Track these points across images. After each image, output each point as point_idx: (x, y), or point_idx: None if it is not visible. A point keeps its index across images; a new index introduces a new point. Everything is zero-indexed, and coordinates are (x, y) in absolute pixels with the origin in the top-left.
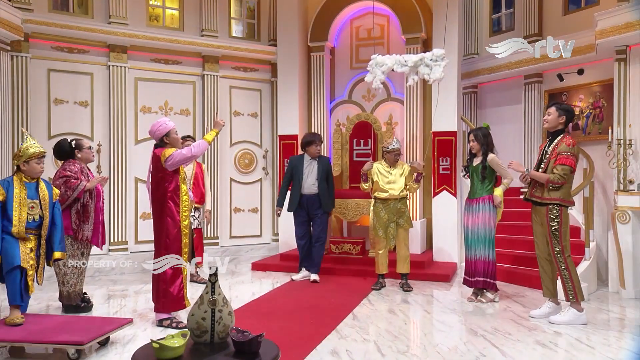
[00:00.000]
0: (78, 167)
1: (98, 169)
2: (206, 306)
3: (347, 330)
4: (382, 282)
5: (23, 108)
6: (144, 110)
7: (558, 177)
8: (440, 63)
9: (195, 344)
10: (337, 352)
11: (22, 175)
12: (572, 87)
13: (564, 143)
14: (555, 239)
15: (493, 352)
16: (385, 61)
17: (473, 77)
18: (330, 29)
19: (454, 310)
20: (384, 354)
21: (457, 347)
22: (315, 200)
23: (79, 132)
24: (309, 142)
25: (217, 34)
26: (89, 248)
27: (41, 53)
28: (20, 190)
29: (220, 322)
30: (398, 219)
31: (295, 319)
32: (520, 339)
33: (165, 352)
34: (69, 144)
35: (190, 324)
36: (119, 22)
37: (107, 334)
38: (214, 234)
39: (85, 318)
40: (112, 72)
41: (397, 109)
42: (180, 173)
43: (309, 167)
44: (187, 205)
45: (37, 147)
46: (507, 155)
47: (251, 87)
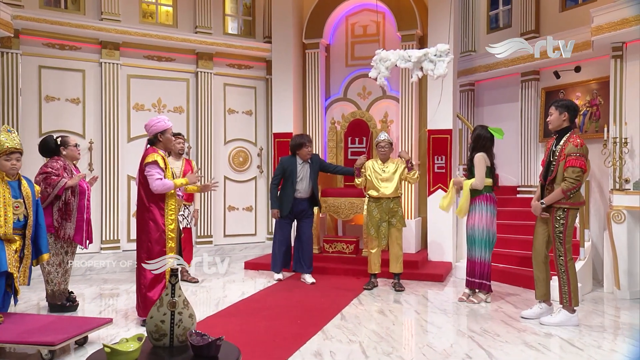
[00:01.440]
0: (61, 164)
1: (90, 167)
2: (165, 308)
3: (333, 331)
4: (374, 282)
5: (14, 105)
6: (136, 107)
7: (572, 183)
8: (444, 59)
9: (154, 348)
10: (320, 354)
11: (3, 174)
12: (569, 84)
13: (571, 143)
14: (559, 241)
15: (479, 354)
16: (389, 56)
17: (470, 75)
18: (326, 25)
19: (444, 311)
20: (367, 355)
21: (444, 348)
22: (306, 202)
23: (71, 129)
24: (299, 145)
25: (211, 31)
26: (73, 246)
27: (32, 50)
28: (3, 189)
29: (180, 325)
30: (390, 218)
31: (283, 318)
32: (509, 341)
33: (117, 356)
34: (54, 140)
35: (149, 326)
36: (112, 18)
37: (83, 334)
38: (208, 233)
39: (66, 318)
40: (104, 69)
41: (392, 107)
42: (167, 176)
43: (302, 170)
44: (174, 207)
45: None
46: (504, 154)
47: (246, 84)
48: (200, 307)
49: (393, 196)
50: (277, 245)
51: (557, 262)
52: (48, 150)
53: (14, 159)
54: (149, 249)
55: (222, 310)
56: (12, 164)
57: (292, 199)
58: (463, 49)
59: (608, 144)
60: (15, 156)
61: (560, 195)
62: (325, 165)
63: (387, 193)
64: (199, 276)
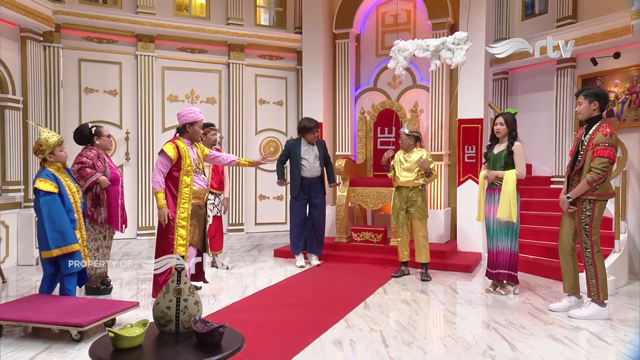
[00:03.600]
0: (95, 152)
1: (126, 156)
2: (171, 295)
3: (355, 320)
4: (404, 270)
5: (56, 97)
6: (170, 98)
7: (597, 173)
8: (462, 47)
9: (160, 334)
10: (340, 342)
11: (57, 165)
12: (607, 71)
13: (600, 133)
14: (585, 233)
15: (502, 346)
16: (407, 46)
17: (504, 63)
18: (356, 15)
19: (469, 301)
20: (387, 345)
21: (465, 339)
22: (317, 183)
23: (108, 119)
24: (307, 129)
25: (243, 23)
26: (111, 231)
27: (72, 43)
28: (65, 179)
29: (185, 312)
30: (409, 207)
31: (306, 306)
32: (534, 333)
33: (121, 341)
34: (89, 129)
35: (155, 312)
36: (147, 12)
37: (111, 316)
38: (239, 221)
39: (96, 301)
40: (140, 61)
41: (422, 96)
42: (184, 166)
43: (308, 151)
44: (187, 197)
45: (55, 135)
46: (539, 144)
47: (277, 75)
48: (228, 293)
49: (412, 186)
50: (293, 227)
51: (584, 255)
52: (83, 138)
53: (64, 148)
54: (160, 235)
55: (248, 297)
56: (64, 153)
57: (299, 178)
58: (497, 36)
59: None
60: (63, 146)
61: (586, 187)
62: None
63: (405, 180)
64: (231, 263)
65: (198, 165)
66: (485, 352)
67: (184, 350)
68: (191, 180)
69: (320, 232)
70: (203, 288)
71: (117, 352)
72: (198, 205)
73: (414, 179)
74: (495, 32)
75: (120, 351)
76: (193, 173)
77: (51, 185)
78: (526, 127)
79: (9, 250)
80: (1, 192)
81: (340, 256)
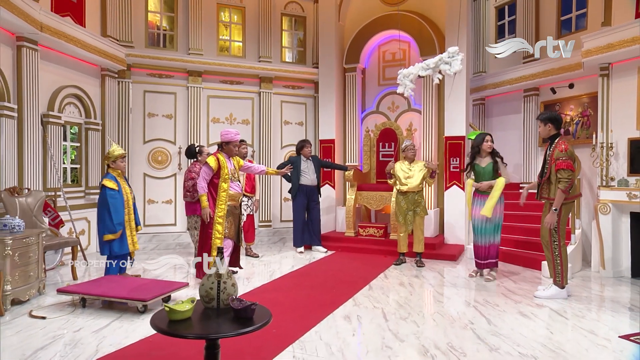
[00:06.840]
0: (199, 167)
1: (179, 166)
2: (213, 278)
3: (361, 299)
4: (402, 259)
5: (126, 120)
6: (214, 120)
7: (565, 182)
8: (457, 57)
9: (205, 309)
10: (349, 317)
11: (118, 171)
12: (564, 98)
13: (557, 149)
14: (554, 229)
15: (480, 321)
16: (411, 70)
17: (481, 91)
18: (362, 53)
19: (454, 284)
20: (387, 319)
21: (451, 315)
22: (314, 190)
23: (165, 137)
24: (302, 146)
25: (271, 60)
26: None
27: (139, 78)
28: (122, 182)
29: (224, 292)
30: (415, 208)
31: (321, 288)
32: (506, 310)
33: (175, 314)
34: (194, 148)
35: (201, 292)
36: (196, 53)
37: (167, 293)
38: (268, 218)
39: (156, 281)
40: (190, 91)
41: (415, 118)
42: (222, 174)
43: (306, 165)
44: (224, 199)
45: (120, 149)
46: (510, 156)
47: (298, 101)
48: (257, 277)
49: (417, 190)
50: (296, 224)
51: (552, 246)
52: (190, 153)
53: (124, 161)
54: (203, 229)
55: (275, 280)
56: (124, 164)
57: (298, 184)
58: (475, 70)
59: (596, 148)
60: (124, 159)
61: (562, 195)
62: (324, 162)
63: (411, 187)
64: (260, 252)
65: (234, 174)
66: (467, 325)
67: (224, 323)
68: (228, 186)
69: (318, 227)
70: (238, 273)
71: (172, 323)
72: (234, 206)
73: (418, 183)
74: (474, 65)
75: (174, 322)
76: (229, 180)
77: (114, 185)
78: (499, 143)
79: (91, 239)
80: (85, 195)
81: (349, 247)
